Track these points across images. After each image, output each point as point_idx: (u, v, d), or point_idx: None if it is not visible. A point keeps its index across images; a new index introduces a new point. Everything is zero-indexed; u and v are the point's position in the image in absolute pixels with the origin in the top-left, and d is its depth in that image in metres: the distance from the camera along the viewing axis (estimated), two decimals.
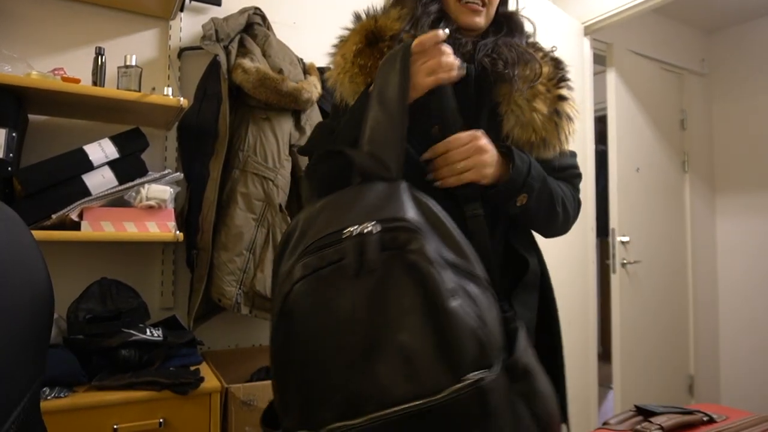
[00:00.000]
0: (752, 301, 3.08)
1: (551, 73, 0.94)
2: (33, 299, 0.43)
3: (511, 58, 0.92)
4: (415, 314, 0.57)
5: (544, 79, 0.92)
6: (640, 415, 1.13)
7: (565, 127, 0.91)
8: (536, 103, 0.89)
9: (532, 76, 0.91)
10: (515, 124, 0.90)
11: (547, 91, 0.91)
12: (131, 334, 1.37)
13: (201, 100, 1.72)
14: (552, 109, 0.90)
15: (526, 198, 0.87)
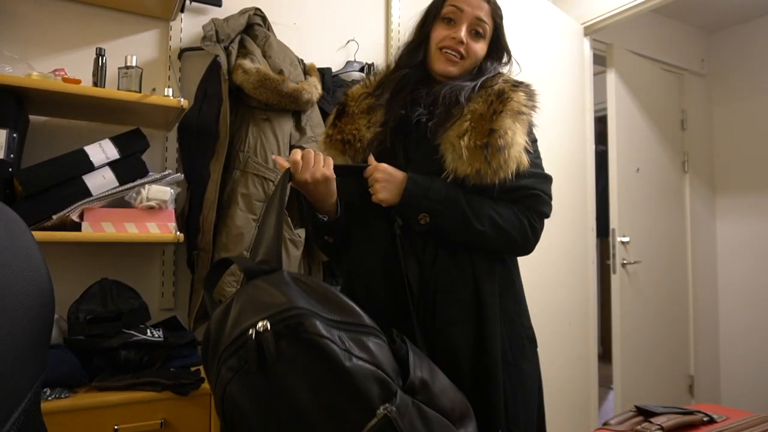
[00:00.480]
0: (752, 301, 3.08)
1: (483, 109, 1.03)
2: (33, 300, 0.43)
3: (447, 103, 1.04)
4: (333, 384, 0.71)
5: (474, 116, 1.02)
6: (640, 416, 1.13)
7: (495, 158, 0.98)
8: (464, 140, 0.99)
9: (462, 116, 1.02)
10: (453, 159, 1.00)
11: (477, 125, 1.00)
12: (132, 334, 1.37)
13: (201, 101, 1.73)
14: (482, 143, 0.99)
15: (428, 217, 0.99)
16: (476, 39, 1.10)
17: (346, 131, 1.10)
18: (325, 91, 1.93)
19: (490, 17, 1.11)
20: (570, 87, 2.39)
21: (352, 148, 1.08)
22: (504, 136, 0.99)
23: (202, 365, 0.90)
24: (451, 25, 1.09)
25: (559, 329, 2.24)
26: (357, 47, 2.15)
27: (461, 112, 1.03)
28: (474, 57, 1.10)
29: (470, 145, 0.99)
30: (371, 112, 1.11)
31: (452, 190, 1.01)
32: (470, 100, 1.05)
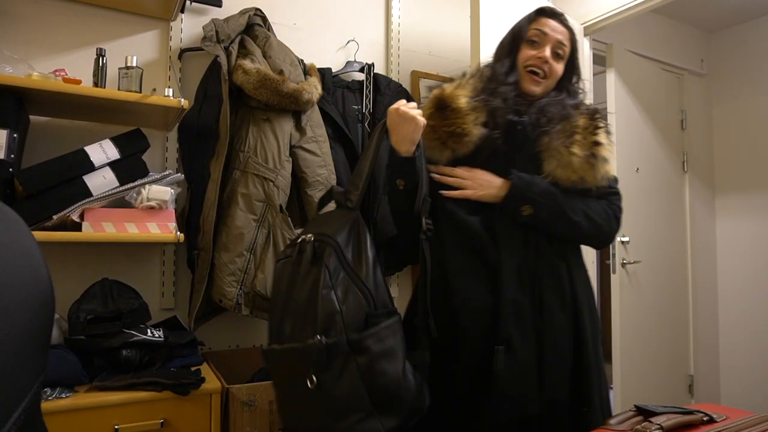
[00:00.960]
0: (752, 301, 3.07)
1: (586, 124, 1.18)
2: (34, 300, 0.44)
3: (553, 116, 1.18)
4: (306, 293, 0.99)
5: (580, 129, 1.17)
6: (640, 415, 1.13)
7: (600, 167, 1.16)
8: (574, 149, 1.15)
9: (570, 129, 1.17)
10: (556, 165, 1.15)
11: (584, 138, 1.16)
12: (132, 334, 1.37)
13: (201, 101, 1.73)
14: (588, 153, 1.15)
15: (532, 209, 1.13)
16: (557, 60, 1.24)
17: (456, 124, 1.18)
18: (326, 92, 1.93)
19: (569, 41, 1.25)
20: None
21: (459, 140, 1.18)
22: (605, 147, 1.17)
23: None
24: (535, 47, 1.23)
25: None
26: (357, 47, 2.15)
27: (570, 125, 1.17)
28: (554, 76, 1.24)
29: (579, 154, 1.14)
30: (476, 111, 1.19)
31: (550, 186, 1.15)
32: (572, 115, 1.20)
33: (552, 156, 1.16)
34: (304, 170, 1.76)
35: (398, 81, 2.20)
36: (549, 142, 1.16)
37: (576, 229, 1.16)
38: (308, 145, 1.77)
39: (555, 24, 1.24)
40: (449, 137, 1.18)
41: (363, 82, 2.08)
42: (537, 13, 1.27)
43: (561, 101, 1.22)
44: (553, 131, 1.17)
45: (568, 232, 1.17)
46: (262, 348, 1.06)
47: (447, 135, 1.18)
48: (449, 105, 1.20)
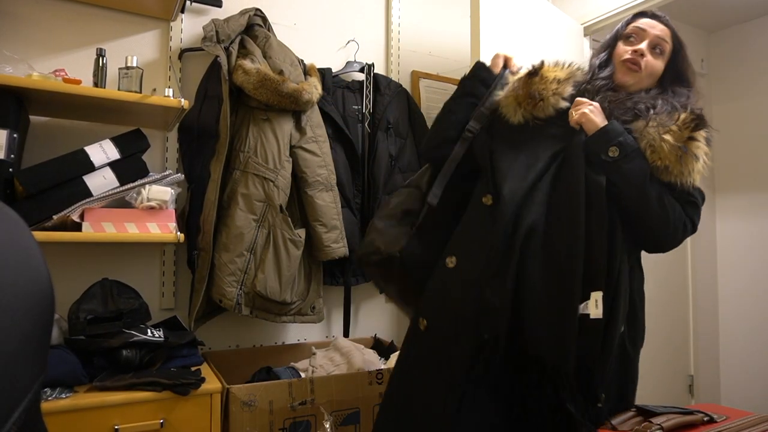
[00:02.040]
0: (752, 301, 3.07)
1: (687, 118, 1.14)
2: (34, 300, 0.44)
3: (649, 107, 1.16)
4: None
5: (679, 123, 1.13)
6: (640, 416, 1.13)
7: (689, 162, 1.12)
8: (666, 135, 1.11)
9: (667, 120, 1.13)
10: (646, 146, 1.11)
11: (679, 130, 1.12)
12: (132, 334, 1.37)
13: (202, 101, 1.73)
14: (680, 143, 1.11)
15: (617, 151, 1.09)
16: (655, 55, 1.21)
17: (536, 87, 1.19)
18: (326, 92, 1.93)
19: (670, 39, 1.23)
20: None
21: (533, 103, 1.18)
22: (700, 147, 1.13)
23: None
24: (631, 42, 1.23)
25: None
26: (357, 47, 2.15)
27: (668, 117, 1.13)
28: (651, 71, 1.21)
29: (671, 141, 1.09)
30: (560, 84, 1.20)
31: (638, 146, 1.11)
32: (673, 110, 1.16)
33: (643, 137, 1.12)
34: (304, 170, 1.76)
35: (398, 81, 2.20)
36: (642, 127, 1.13)
37: (646, 205, 1.10)
38: (308, 145, 1.77)
39: (654, 22, 1.24)
40: (525, 98, 1.19)
41: (363, 82, 2.08)
42: (637, 15, 1.28)
43: (660, 96, 1.18)
44: (649, 117, 1.14)
45: (637, 205, 1.10)
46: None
47: (524, 96, 1.19)
48: (539, 72, 1.21)
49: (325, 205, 1.78)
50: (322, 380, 1.53)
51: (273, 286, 1.65)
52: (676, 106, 1.17)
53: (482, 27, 1.85)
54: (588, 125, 1.13)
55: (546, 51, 2.25)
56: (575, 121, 1.15)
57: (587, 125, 1.13)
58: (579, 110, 1.15)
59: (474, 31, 1.87)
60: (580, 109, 1.15)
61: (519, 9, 2.07)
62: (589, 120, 1.13)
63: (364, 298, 2.16)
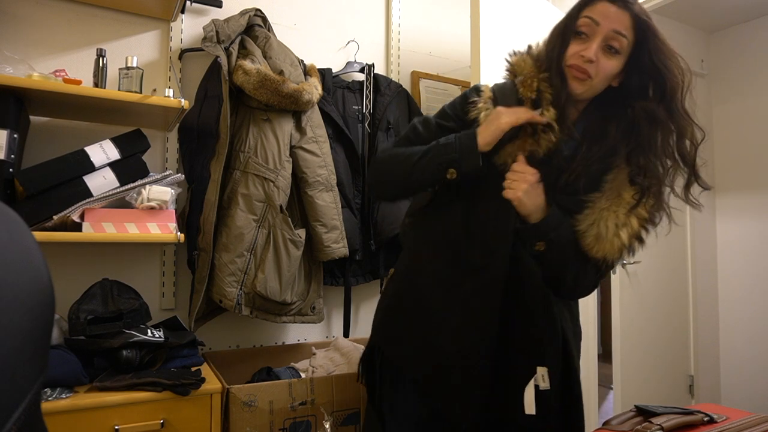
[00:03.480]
0: (753, 301, 3.07)
1: (627, 199, 1.02)
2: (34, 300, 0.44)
3: (609, 168, 1.05)
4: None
5: (632, 193, 1.03)
6: (640, 416, 1.13)
7: (629, 251, 1.03)
8: (622, 231, 1.01)
9: (619, 185, 1.03)
10: (589, 227, 1.03)
11: (641, 209, 1.03)
12: (132, 335, 1.37)
13: (202, 102, 1.73)
14: (634, 236, 1.02)
15: (544, 246, 1.01)
16: (609, 56, 0.99)
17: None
18: (326, 92, 1.93)
19: (632, 30, 0.98)
20: None
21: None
22: (646, 230, 1.03)
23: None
24: (583, 40, 1.00)
25: None
26: (357, 48, 2.15)
27: (621, 174, 1.03)
28: (605, 75, 1.00)
29: (624, 240, 1.00)
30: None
31: (573, 237, 1.03)
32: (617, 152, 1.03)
33: (592, 215, 1.02)
34: (304, 170, 1.76)
35: (398, 81, 2.21)
36: (597, 203, 1.02)
37: (557, 283, 1.06)
38: (308, 146, 1.77)
39: (613, 9, 0.97)
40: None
41: (363, 82, 2.08)
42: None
43: (623, 141, 1.01)
44: (603, 191, 1.02)
45: (549, 281, 1.06)
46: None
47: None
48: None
49: (326, 205, 1.78)
50: (322, 380, 1.53)
51: (273, 286, 1.65)
52: (617, 147, 1.02)
53: (482, 27, 1.85)
54: (520, 209, 1.02)
55: None
56: (507, 198, 1.03)
57: (519, 209, 1.02)
58: (511, 188, 1.02)
59: (474, 31, 1.87)
60: (512, 186, 1.02)
61: (519, 9, 2.07)
62: (521, 205, 1.01)
63: (364, 298, 2.16)
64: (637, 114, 1.00)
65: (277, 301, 1.67)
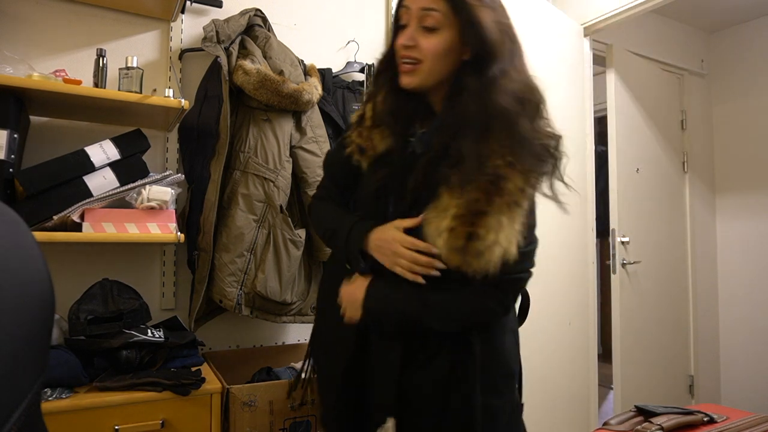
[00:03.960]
0: (752, 301, 3.07)
1: (470, 196, 0.89)
2: (34, 300, 0.44)
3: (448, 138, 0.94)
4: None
5: (460, 209, 0.89)
6: (640, 416, 1.13)
7: (477, 259, 0.88)
8: (444, 236, 0.90)
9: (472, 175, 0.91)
10: (433, 238, 0.92)
11: (457, 225, 0.89)
12: (132, 335, 1.37)
13: (202, 102, 1.73)
14: (461, 245, 0.89)
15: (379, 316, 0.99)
16: (427, 34, 0.92)
17: (364, 137, 1.05)
18: (326, 92, 1.93)
19: (442, 2, 0.91)
20: (570, 87, 2.39)
21: (366, 155, 1.04)
22: (485, 238, 0.86)
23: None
24: (403, 31, 0.95)
25: (559, 329, 2.24)
26: (357, 48, 2.15)
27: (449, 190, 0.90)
28: (430, 55, 0.93)
29: (450, 242, 0.88)
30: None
31: (410, 303, 0.95)
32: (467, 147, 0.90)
33: (431, 227, 0.91)
34: (304, 170, 1.76)
35: None
36: (430, 212, 0.92)
37: (447, 327, 0.97)
38: (308, 146, 1.77)
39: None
40: (360, 151, 1.05)
41: (363, 82, 2.08)
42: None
43: (457, 108, 0.92)
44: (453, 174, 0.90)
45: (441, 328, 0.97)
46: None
47: (357, 149, 1.05)
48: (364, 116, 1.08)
49: None
50: None
51: (273, 286, 1.65)
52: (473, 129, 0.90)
53: None
54: (355, 317, 1.01)
55: (546, 51, 2.25)
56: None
57: (354, 317, 1.01)
58: (346, 312, 1.02)
59: None
60: (348, 313, 1.02)
61: (519, 9, 2.07)
62: (353, 317, 1.01)
63: None
64: (462, 93, 0.92)
65: (277, 301, 1.67)
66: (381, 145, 1.02)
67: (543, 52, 2.24)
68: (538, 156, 0.91)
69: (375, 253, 0.99)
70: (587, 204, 2.45)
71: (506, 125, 0.89)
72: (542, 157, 0.92)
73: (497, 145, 0.89)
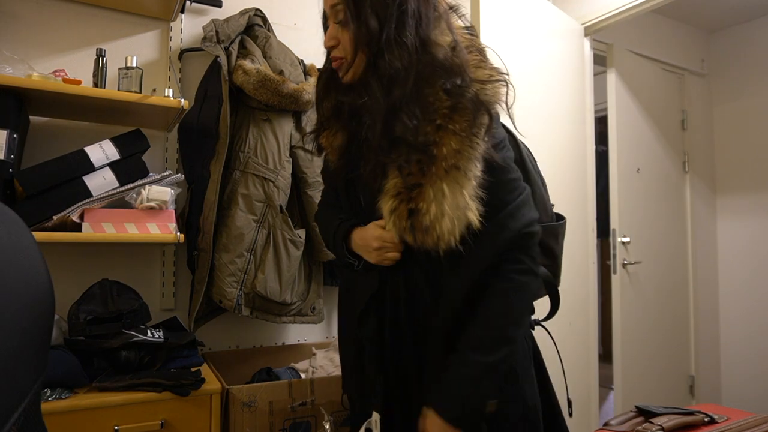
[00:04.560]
0: (753, 301, 3.07)
1: (408, 170, 0.87)
2: (34, 300, 0.43)
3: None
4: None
5: (398, 186, 0.88)
6: (641, 416, 1.13)
7: (427, 236, 0.85)
8: (392, 218, 0.89)
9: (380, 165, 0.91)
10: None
11: (400, 202, 0.88)
12: (132, 335, 1.37)
13: (202, 102, 1.73)
14: (407, 225, 0.87)
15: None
16: (342, 30, 0.92)
17: (324, 140, 1.04)
18: None
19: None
20: (570, 87, 2.39)
21: (332, 156, 1.02)
22: (428, 211, 0.83)
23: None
24: (327, 32, 0.96)
25: (560, 329, 2.23)
26: None
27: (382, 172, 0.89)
28: (349, 48, 0.92)
29: (397, 224, 0.86)
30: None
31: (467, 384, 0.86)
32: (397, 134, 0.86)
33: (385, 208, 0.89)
34: (304, 170, 1.76)
35: None
36: (383, 196, 0.90)
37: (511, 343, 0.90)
38: (308, 146, 1.77)
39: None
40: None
41: None
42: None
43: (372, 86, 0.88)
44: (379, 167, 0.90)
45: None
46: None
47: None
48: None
49: None
50: (322, 381, 1.53)
51: (273, 286, 1.65)
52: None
53: (482, 27, 1.85)
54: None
55: (546, 51, 2.25)
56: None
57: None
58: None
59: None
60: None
61: (519, 9, 2.07)
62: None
63: None
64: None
65: (277, 301, 1.67)
66: (336, 143, 1.01)
67: (543, 51, 2.23)
68: (470, 109, 0.85)
69: (360, 253, 0.99)
70: (587, 204, 2.45)
71: (419, 89, 0.86)
72: (476, 108, 0.85)
73: (421, 110, 0.85)
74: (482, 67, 0.91)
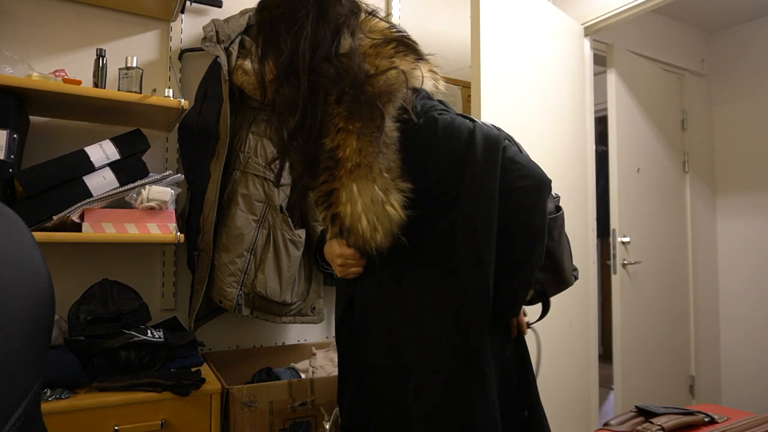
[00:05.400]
0: (753, 302, 3.07)
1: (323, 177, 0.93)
2: (34, 300, 0.43)
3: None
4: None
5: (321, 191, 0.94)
6: (641, 416, 1.13)
7: (354, 238, 0.89)
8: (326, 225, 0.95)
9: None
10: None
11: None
12: (132, 335, 1.37)
13: (202, 102, 1.73)
14: (336, 231, 0.91)
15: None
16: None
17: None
18: None
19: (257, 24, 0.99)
20: (570, 87, 2.39)
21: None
22: (345, 214, 0.85)
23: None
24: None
25: (560, 329, 2.23)
26: None
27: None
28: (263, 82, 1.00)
29: (331, 231, 0.90)
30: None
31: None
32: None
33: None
34: None
35: None
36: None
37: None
38: None
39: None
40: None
41: None
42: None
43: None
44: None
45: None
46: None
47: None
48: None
49: None
50: (322, 381, 1.53)
51: (273, 286, 1.65)
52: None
53: (482, 27, 1.85)
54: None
55: (546, 51, 2.25)
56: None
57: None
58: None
59: (474, 31, 1.87)
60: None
61: (519, 9, 2.07)
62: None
63: None
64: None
65: (277, 301, 1.67)
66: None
67: (543, 52, 2.23)
68: (365, 107, 0.85)
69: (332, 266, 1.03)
70: (587, 204, 2.45)
71: (314, 109, 0.88)
72: (371, 105, 0.85)
73: (320, 125, 0.88)
74: (399, 56, 0.91)
